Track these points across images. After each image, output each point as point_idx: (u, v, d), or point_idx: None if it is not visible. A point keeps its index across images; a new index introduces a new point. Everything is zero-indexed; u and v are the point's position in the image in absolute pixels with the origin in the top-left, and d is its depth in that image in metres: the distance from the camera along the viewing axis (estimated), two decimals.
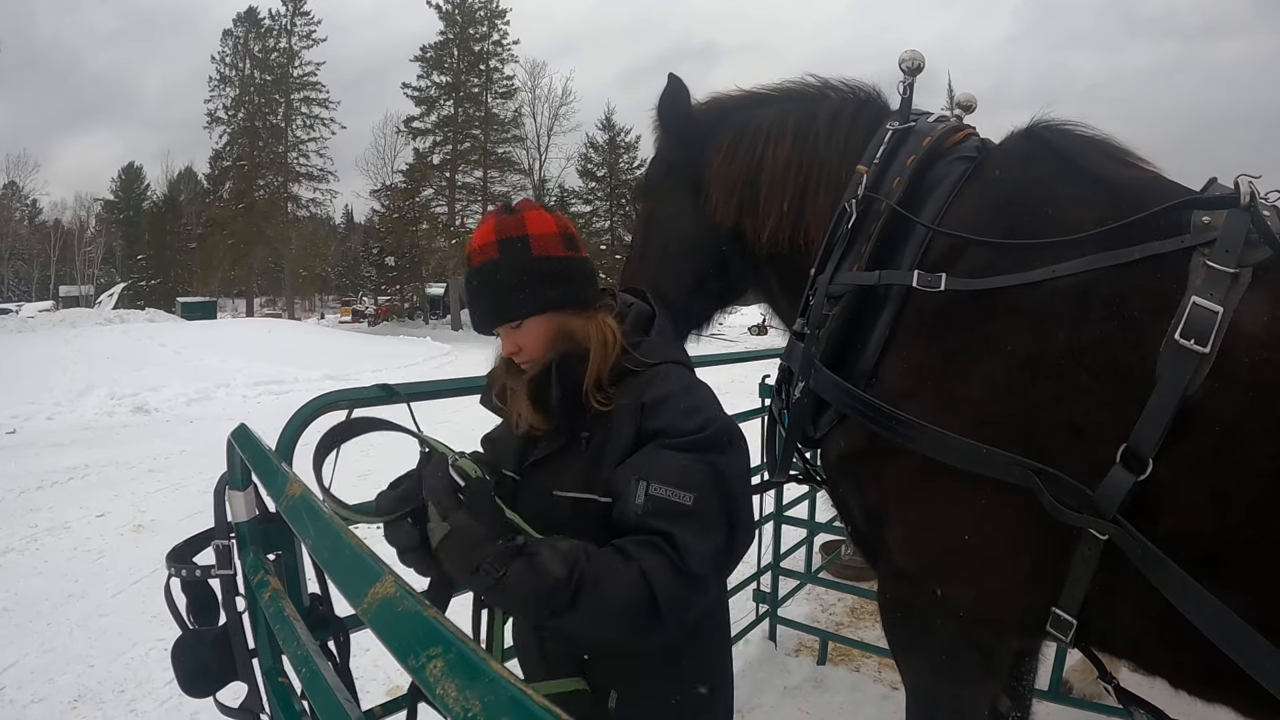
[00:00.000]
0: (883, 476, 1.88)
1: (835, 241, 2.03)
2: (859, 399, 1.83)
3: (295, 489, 1.45)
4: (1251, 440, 1.45)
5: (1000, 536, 1.72)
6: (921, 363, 1.81)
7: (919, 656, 2.03)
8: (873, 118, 2.20)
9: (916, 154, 2.02)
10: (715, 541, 1.47)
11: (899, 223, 1.95)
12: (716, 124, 2.40)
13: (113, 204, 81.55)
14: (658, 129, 2.52)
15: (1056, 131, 1.95)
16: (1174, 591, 1.46)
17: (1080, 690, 3.63)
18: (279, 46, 56.10)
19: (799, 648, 4.53)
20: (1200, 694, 1.69)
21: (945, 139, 2.06)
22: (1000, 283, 1.70)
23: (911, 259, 1.89)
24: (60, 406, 13.33)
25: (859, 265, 1.97)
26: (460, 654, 0.73)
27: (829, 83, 2.33)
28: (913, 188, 1.99)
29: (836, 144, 2.18)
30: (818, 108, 2.26)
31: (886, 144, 2.07)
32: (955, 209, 1.92)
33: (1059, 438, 1.60)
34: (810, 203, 2.17)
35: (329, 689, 1.20)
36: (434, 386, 2.55)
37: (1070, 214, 1.74)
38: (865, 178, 2.03)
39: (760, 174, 2.25)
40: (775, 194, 2.21)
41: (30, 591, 5.42)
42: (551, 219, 1.73)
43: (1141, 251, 1.59)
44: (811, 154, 2.19)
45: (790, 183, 2.19)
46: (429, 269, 55.46)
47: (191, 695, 1.96)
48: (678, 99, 2.43)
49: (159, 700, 3.96)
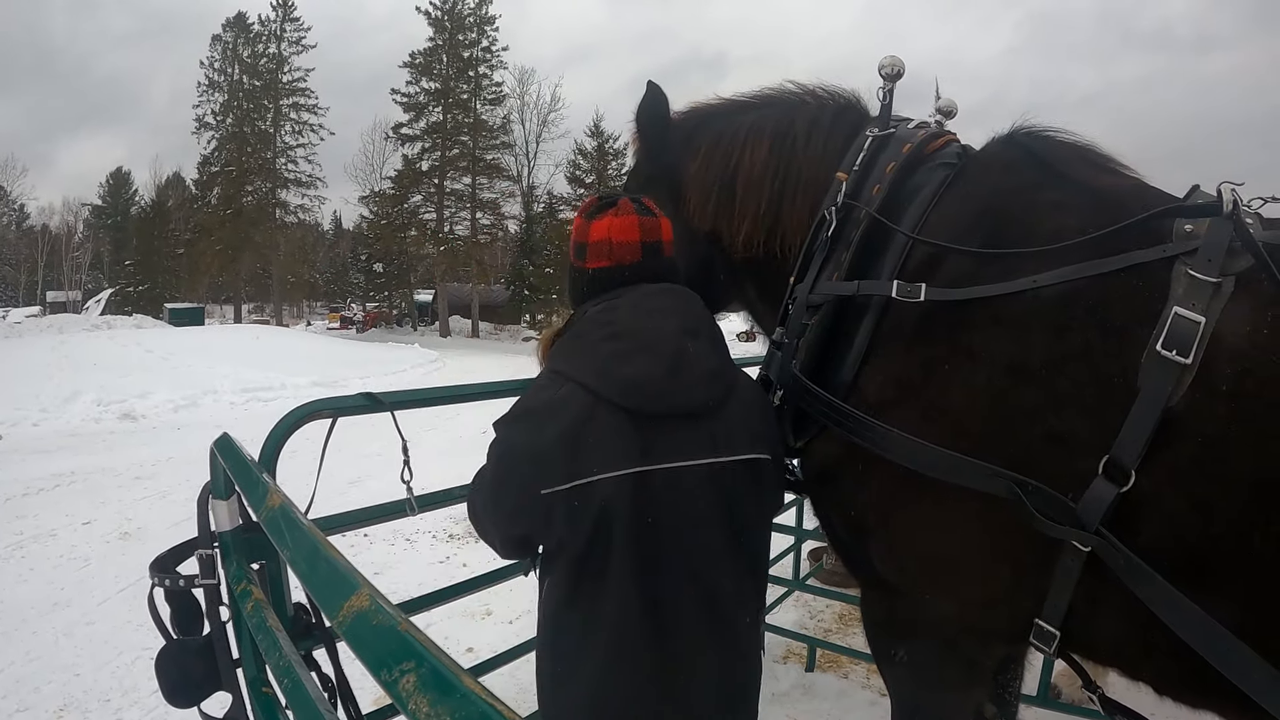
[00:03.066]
0: (863, 487, 1.86)
1: (815, 249, 2.03)
2: (838, 410, 1.82)
3: (275, 500, 1.45)
4: (1233, 451, 1.44)
5: (981, 547, 1.71)
6: (901, 373, 1.80)
7: (902, 665, 2.02)
8: (852, 124, 2.18)
9: (896, 161, 2.01)
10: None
11: (879, 231, 1.94)
12: (695, 130, 2.38)
13: (100, 209, 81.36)
14: (636, 138, 2.48)
15: (1037, 138, 1.93)
16: (1157, 602, 1.45)
17: (1069, 695, 3.63)
18: (268, 52, 56.07)
19: (787, 654, 4.54)
20: (1185, 700, 1.68)
21: (925, 145, 2.05)
22: (981, 293, 1.68)
23: (892, 268, 1.88)
24: (47, 413, 13.24)
25: (838, 274, 1.96)
26: (433, 669, 0.73)
27: (809, 89, 2.30)
28: (892, 195, 1.98)
29: (815, 149, 2.16)
30: (796, 113, 2.24)
31: (866, 150, 2.05)
32: (935, 217, 1.91)
33: (1040, 448, 1.59)
34: (787, 207, 2.15)
35: (311, 700, 1.20)
36: (418, 395, 2.55)
37: (1051, 221, 1.73)
38: (845, 185, 2.02)
39: (736, 177, 2.22)
40: (751, 197, 2.19)
41: (16, 599, 5.39)
42: (670, 223, 1.90)
43: (1122, 261, 1.57)
44: (789, 159, 2.17)
45: (766, 187, 2.17)
46: (417, 275, 55.50)
47: (175, 705, 1.95)
48: (657, 107, 2.39)
49: (145, 709, 3.94)
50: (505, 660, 2.97)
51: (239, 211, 53.50)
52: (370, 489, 7.61)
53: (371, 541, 6.48)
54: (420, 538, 6.77)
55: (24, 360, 17.46)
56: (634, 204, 1.84)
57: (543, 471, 1.60)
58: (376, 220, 53.65)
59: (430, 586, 2.89)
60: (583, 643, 1.69)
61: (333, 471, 1.73)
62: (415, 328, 56.77)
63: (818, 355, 1.98)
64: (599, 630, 1.66)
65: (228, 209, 53.85)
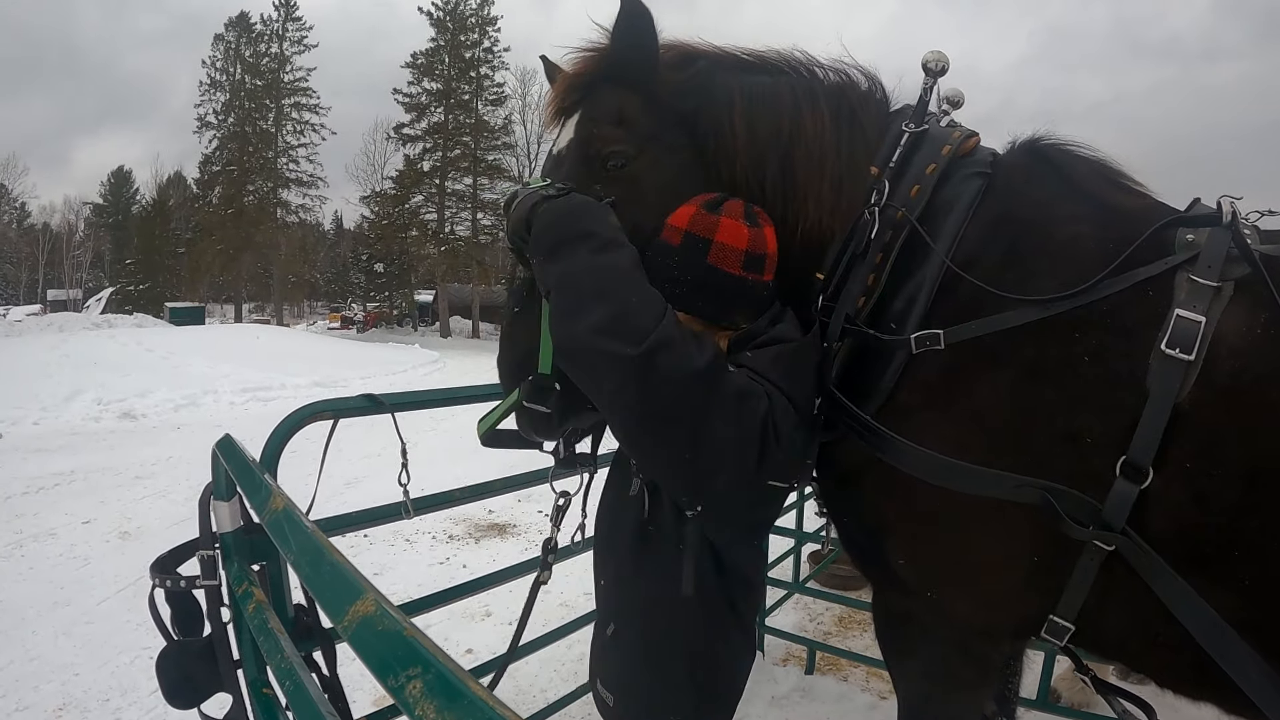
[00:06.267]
0: (884, 493, 1.84)
1: (855, 254, 1.87)
2: (865, 424, 1.77)
3: (279, 502, 1.44)
4: (1236, 445, 1.49)
5: (1002, 548, 1.72)
6: (928, 388, 1.78)
7: (913, 664, 2.03)
8: (880, 113, 2.01)
9: (938, 163, 1.89)
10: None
11: (917, 243, 1.84)
12: (714, 75, 1.96)
13: (101, 208, 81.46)
14: (611, 75, 1.92)
15: (1059, 150, 1.91)
16: (1172, 597, 1.49)
17: (1069, 699, 3.64)
18: (270, 51, 56.16)
19: (787, 657, 4.54)
20: (1185, 693, 1.72)
21: (960, 148, 1.94)
22: (1000, 325, 1.68)
23: (931, 285, 1.80)
24: (47, 412, 13.22)
25: (874, 276, 1.87)
26: (440, 675, 0.73)
27: (816, 60, 2.04)
28: (931, 201, 1.88)
29: (859, 134, 1.94)
30: (831, 87, 1.99)
31: (902, 147, 1.91)
32: (971, 233, 1.84)
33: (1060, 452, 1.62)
34: (847, 195, 1.90)
35: (313, 701, 1.20)
36: (419, 397, 2.55)
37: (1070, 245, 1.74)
38: (886, 183, 1.87)
39: (795, 147, 1.90)
40: (815, 173, 1.90)
41: (15, 598, 5.38)
42: (745, 234, 1.72)
43: (1131, 279, 1.61)
44: (849, 135, 1.92)
45: (830, 163, 1.90)
46: (418, 276, 55.49)
47: (175, 706, 1.95)
48: (644, 27, 1.86)
49: (144, 709, 3.93)
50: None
51: (240, 211, 53.55)
52: (369, 490, 7.64)
53: (371, 542, 6.47)
54: (420, 539, 6.76)
55: (24, 359, 17.43)
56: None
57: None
58: (378, 220, 53.63)
59: (430, 588, 2.90)
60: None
61: (331, 472, 1.73)
62: (416, 328, 56.84)
63: (843, 368, 1.89)
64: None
65: (229, 208, 53.90)
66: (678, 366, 1.40)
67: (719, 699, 1.87)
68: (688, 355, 1.42)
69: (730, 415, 1.44)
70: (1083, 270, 1.65)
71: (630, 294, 1.46)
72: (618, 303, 1.44)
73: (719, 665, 1.82)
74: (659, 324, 1.43)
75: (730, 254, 1.70)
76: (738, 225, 1.72)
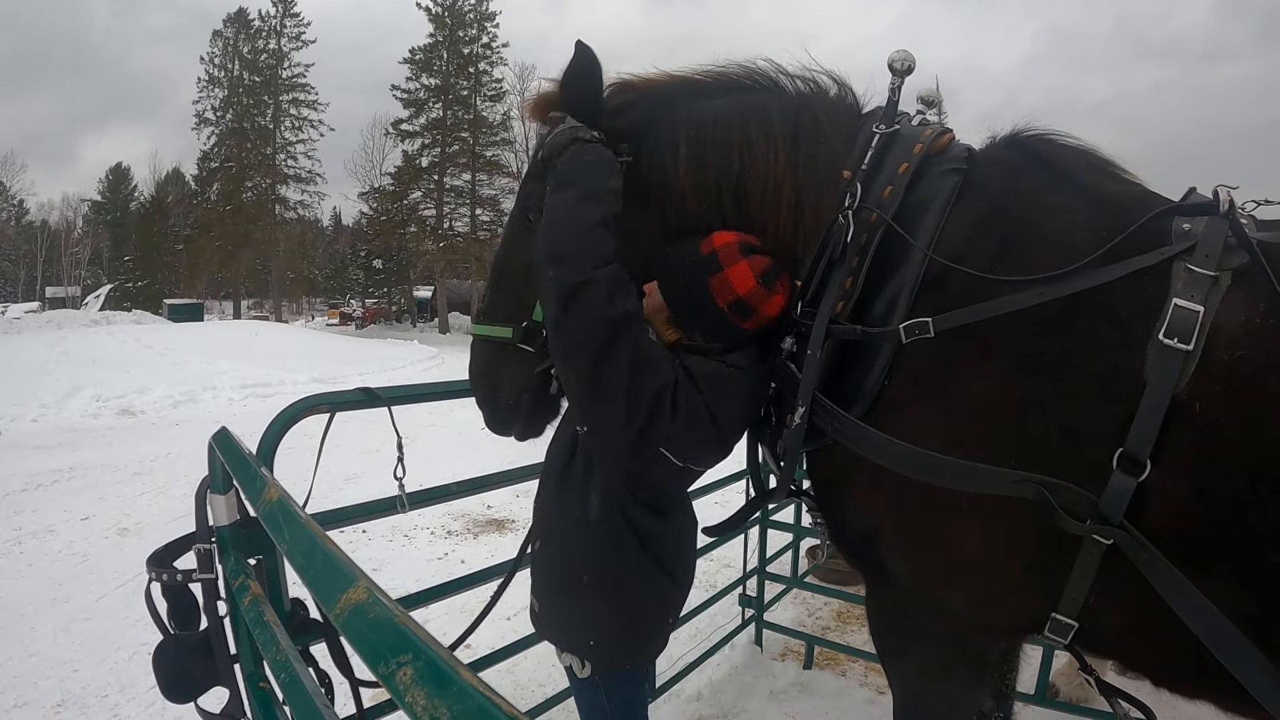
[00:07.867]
0: (878, 493, 1.83)
1: (832, 260, 1.89)
2: (854, 428, 1.77)
3: (273, 494, 1.44)
4: (1235, 436, 1.47)
5: (999, 545, 1.71)
6: (917, 384, 1.77)
7: (909, 661, 2.02)
8: (849, 116, 2.04)
9: (910, 162, 1.90)
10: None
11: (895, 240, 1.84)
12: (654, 115, 2.04)
13: (100, 205, 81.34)
14: (562, 119, 1.99)
15: (1043, 141, 1.90)
16: (1171, 591, 1.47)
17: (1067, 694, 3.64)
18: (268, 48, 56.05)
19: (785, 652, 4.54)
20: (1181, 691, 1.70)
21: (932, 145, 1.95)
22: (991, 311, 1.67)
23: (912, 283, 1.80)
24: (46, 408, 13.21)
25: (852, 279, 1.87)
26: (430, 661, 0.73)
27: (783, 70, 2.08)
28: (906, 201, 1.87)
29: (822, 144, 1.98)
30: (787, 101, 2.04)
31: (874, 149, 1.92)
32: (951, 227, 1.83)
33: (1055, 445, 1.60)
34: (808, 212, 1.96)
35: (308, 694, 1.20)
36: (416, 390, 2.55)
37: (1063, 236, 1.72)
38: (858, 186, 1.88)
39: (746, 177, 1.97)
40: (770, 201, 1.98)
41: (14, 595, 5.39)
42: (751, 285, 1.89)
43: (1126, 268, 1.59)
44: (805, 155, 1.97)
45: (786, 187, 1.96)
46: (417, 272, 55.37)
47: (172, 701, 1.95)
48: (590, 79, 1.99)
49: (143, 705, 3.94)
50: (503, 656, 2.98)
51: (238, 207, 53.48)
52: (367, 486, 7.51)
53: (370, 538, 6.48)
54: (418, 534, 6.77)
55: (23, 356, 17.41)
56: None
57: None
58: (376, 216, 53.71)
59: (428, 582, 2.88)
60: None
61: (329, 468, 1.73)
62: (414, 324, 56.79)
63: (828, 371, 1.87)
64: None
65: (227, 205, 53.84)
66: (593, 305, 1.70)
67: (637, 628, 2.08)
68: (607, 302, 1.71)
69: (624, 367, 1.72)
70: (1077, 260, 1.64)
71: (584, 239, 1.76)
72: (573, 242, 1.76)
73: (629, 592, 2.02)
74: (595, 270, 1.72)
75: (727, 289, 1.88)
76: (750, 276, 1.88)
